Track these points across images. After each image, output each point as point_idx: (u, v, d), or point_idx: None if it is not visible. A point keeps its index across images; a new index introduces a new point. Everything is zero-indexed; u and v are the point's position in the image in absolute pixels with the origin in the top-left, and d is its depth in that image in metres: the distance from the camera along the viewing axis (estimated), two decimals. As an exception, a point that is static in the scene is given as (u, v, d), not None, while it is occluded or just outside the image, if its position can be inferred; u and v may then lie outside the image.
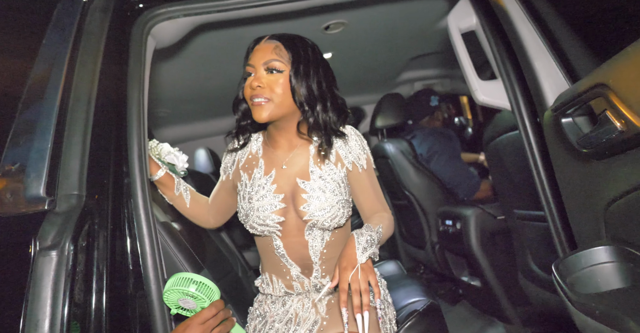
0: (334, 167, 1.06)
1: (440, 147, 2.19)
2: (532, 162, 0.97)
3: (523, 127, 0.99)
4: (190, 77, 1.91)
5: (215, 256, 1.45)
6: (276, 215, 1.00)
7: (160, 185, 1.21)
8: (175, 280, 0.91)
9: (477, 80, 1.07)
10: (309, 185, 1.02)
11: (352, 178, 1.09)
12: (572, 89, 0.65)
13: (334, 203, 1.00)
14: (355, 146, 1.08)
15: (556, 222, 0.92)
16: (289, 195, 1.02)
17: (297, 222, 1.01)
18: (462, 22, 1.16)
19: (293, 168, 1.04)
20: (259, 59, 1.00)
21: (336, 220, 1.01)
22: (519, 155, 1.34)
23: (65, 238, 0.74)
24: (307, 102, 1.00)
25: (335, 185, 1.02)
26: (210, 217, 1.25)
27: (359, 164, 1.08)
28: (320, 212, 0.98)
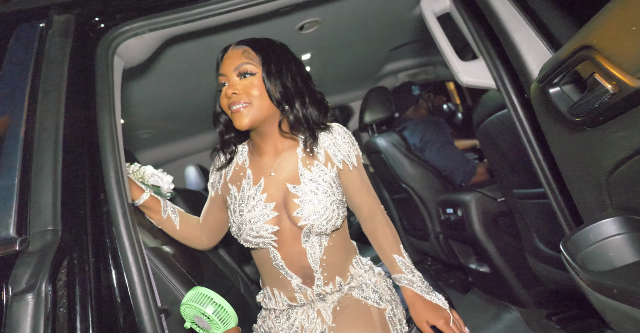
0: (324, 167, 1.02)
1: (432, 135, 2.15)
2: (525, 139, 0.93)
3: (511, 104, 0.95)
4: (169, 94, 1.87)
5: (214, 275, 1.40)
6: (270, 225, 0.97)
7: (146, 209, 1.16)
8: (195, 295, 0.88)
9: (458, 61, 1.04)
10: (300, 189, 0.98)
11: (344, 178, 1.06)
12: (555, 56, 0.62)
13: (327, 205, 0.96)
14: (343, 144, 1.05)
15: (557, 198, 0.88)
16: (281, 202, 0.99)
17: (292, 229, 0.98)
18: (436, 4, 1.12)
19: (282, 174, 1.01)
20: (229, 66, 0.98)
21: (332, 222, 0.97)
22: (510, 133, 1.31)
23: (41, 279, 0.69)
24: (285, 100, 0.96)
25: (327, 186, 0.99)
26: (203, 237, 1.21)
27: (349, 162, 1.05)
28: (315, 215, 0.95)
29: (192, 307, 0.87)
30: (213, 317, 0.85)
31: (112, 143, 0.93)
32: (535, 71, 0.73)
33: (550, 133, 0.70)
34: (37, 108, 0.90)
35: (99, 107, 0.94)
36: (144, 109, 1.92)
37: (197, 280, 1.21)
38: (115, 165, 0.92)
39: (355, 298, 1.02)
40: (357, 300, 1.02)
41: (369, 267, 1.12)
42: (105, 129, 0.93)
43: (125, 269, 0.89)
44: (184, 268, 1.18)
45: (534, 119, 0.90)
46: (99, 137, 0.92)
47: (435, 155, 2.11)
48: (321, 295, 1.01)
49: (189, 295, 0.88)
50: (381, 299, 1.03)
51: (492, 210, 1.64)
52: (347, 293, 1.04)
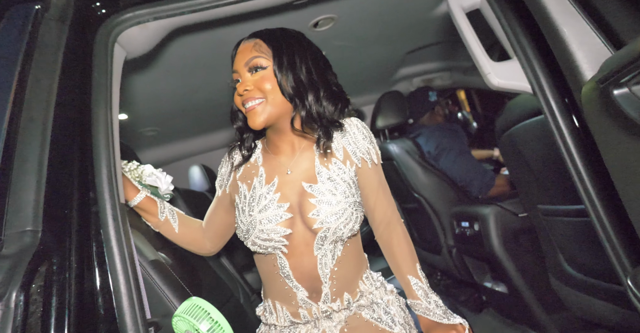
0: (342, 165, 0.94)
1: (448, 143, 2.05)
2: (564, 149, 0.83)
3: (549, 108, 0.85)
4: (175, 90, 1.79)
5: (212, 284, 1.30)
6: (282, 228, 0.89)
7: (142, 211, 1.08)
8: (190, 307, 0.79)
9: (489, 62, 0.94)
10: (316, 188, 0.90)
11: (361, 176, 0.98)
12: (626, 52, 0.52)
13: (346, 206, 0.89)
14: (362, 140, 0.97)
15: (601, 217, 0.77)
16: (295, 203, 0.91)
17: (305, 234, 0.90)
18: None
19: (298, 172, 0.94)
20: (240, 61, 0.91)
21: (350, 226, 0.89)
22: (539, 144, 1.20)
23: (11, 287, 0.60)
24: (297, 94, 0.88)
25: (346, 186, 0.91)
26: (206, 242, 1.12)
27: (368, 159, 0.97)
28: (332, 217, 0.88)
29: (185, 320, 0.78)
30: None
31: (107, 138, 0.84)
32: (588, 71, 0.63)
33: (607, 141, 0.60)
34: (25, 96, 0.82)
35: (95, 99, 0.86)
36: (148, 105, 1.85)
37: (193, 290, 1.11)
38: (109, 162, 0.84)
39: (365, 320, 0.92)
40: (367, 322, 0.92)
41: (380, 283, 1.02)
42: (99, 123, 0.85)
43: (111, 277, 0.80)
44: (180, 277, 1.09)
45: (578, 126, 0.80)
46: (92, 131, 0.84)
47: (451, 164, 2.00)
48: (327, 312, 0.92)
49: (183, 306, 0.79)
50: (394, 322, 0.93)
51: (512, 226, 1.53)
52: (356, 313, 0.94)
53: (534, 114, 1.20)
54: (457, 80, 2.83)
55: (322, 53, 0.98)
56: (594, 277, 1.15)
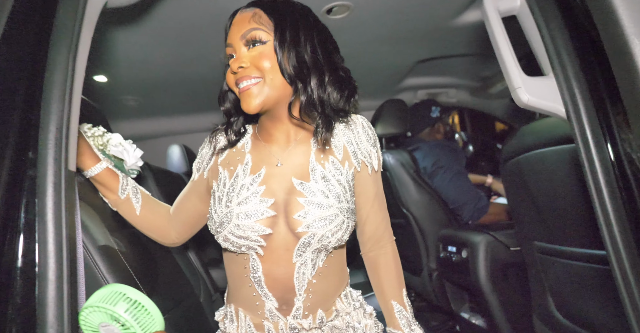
0: (340, 166, 0.84)
1: (446, 162, 1.95)
2: (593, 186, 0.72)
3: (583, 138, 0.74)
4: (167, 60, 1.63)
5: (171, 278, 1.15)
6: (261, 226, 0.79)
7: (99, 184, 0.93)
8: (105, 294, 0.63)
9: (521, 75, 0.83)
10: (308, 187, 0.81)
11: (358, 183, 0.88)
12: None
13: (338, 212, 0.79)
14: (366, 141, 0.87)
15: (625, 269, 0.67)
16: (281, 200, 0.81)
17: (286, 237, 0.80)
18: (503, 2, 0.92)
19: (289, 166, 0.84)
20: (236, 33, 0.80)
21: (338, 235, 0.80)
22: (551, 177, 1.10)
23: None
24: (298, 76, 0.77)
25: (341, 189, 0.82)
26: (171, 230, 0.98)
27: (369, 164, 0.87)
28: (320, 222, 0.78)
29: (98, 309, 0.63)
30: (127, 319, 0.61)
31: (63, 90, 0.69)
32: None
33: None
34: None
35: (54, 42, 0.71)
36: (133, 72, 1.68)
37: (146, 283, 0.96)
38: (61, 119, 0.69)
39: None
40: None
41: (359, 303, 0.90)
42: (56, 70, 0.69)
43: (39, 259, 0.65)
44: (133, 267, 0.94)
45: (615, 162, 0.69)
46: (44, 80, 0.69)
47: (446, 183, 1.90)
48: (296, 330, 0.81)
49: (95, 297, 0.64)
50: None
51: (502, 258, 1.44)
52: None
53: (549, 144, 1.10)
54: (461, 99, 2.75)
55: (330, 33, 0.87)
56: (585, 328, 1.06)
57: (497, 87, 2.42)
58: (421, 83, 2.60)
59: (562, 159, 1.04)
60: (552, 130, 1.09)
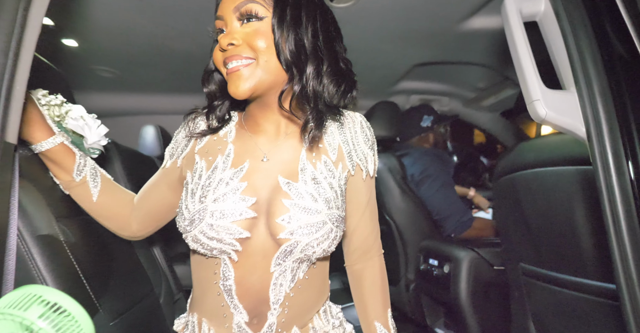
0: (333, 167, 0.76)
1: (435, 171, 1.88)
2: (610, 215, 0.65)
3: (603, 160, 0.67)
4: (150, 31, 1.47)
5: (128, 275, 1.02)
6: (238, 227, 0.69)
7: (51, 162, 0.80)
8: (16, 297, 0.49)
9: (541, 86, 0.75)
10: (295, 188, 0.72)
11: (350, 187, 0.81)
12: None
13: (326, 219, 0.70)
14: (363, 142, 0.80)
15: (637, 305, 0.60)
16: (264, 200, 0.72)
17: (265, 242, 0.71)
18: (527, 5, 0.84)
19: (276, 162, 0.75)
20: (228, 4, 0.69)
21: (324, 245, 0.71)
22: (548, 197, 1.05)
23: None
24: (295, 62, 0.67)
25: (332, 194, 0.73)
26: (133, 221, 0.86)
27: (364, 168, 0.80)
28: (306, 229, 0.69)
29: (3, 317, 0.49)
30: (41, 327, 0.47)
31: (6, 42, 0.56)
32: None
33: None
34: None
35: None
36: (110, 40, 1.52)
37: (94, 280, 0.84)
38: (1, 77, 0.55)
39: None
40: None
41: (339, 322, 0.82)
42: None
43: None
44: (80, 261, 0.81)
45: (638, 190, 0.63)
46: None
47: (432, 193, 1.84)
48: None
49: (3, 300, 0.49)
50: None
51: (485, 276, 1.38)
52: None
53: (550, 164, 1.04)
54: (453, 108, 2.71)
55: (334, 17, 0.77)
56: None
57: (490, 100, 2.39)
58: (415, 87, 2.54)
59: (564, 180, 0.98)
60: (554, 149, 1.03)
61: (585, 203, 0.92)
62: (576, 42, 0.75)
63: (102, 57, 1.68)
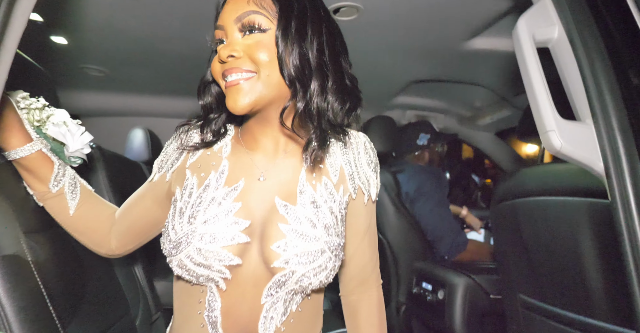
0: (334, 190, 0.71)
1: (430, 189, 1.85)
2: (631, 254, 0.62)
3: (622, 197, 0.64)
4: (143, 32, 1.41)
5: (101, 294, 0.94)
6: (229, 253, 0.64)
7: (24, 170, 0.74)
8: None
9: (555, 116, 0.72)
10: (293, 211, 0.67)
11: (351, 212, 0.76)
12: None
13: (325, 247, 0.65)
14: (366, 164, 0.76)
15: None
16: (259, 223, 0.67)
17: (257, 270, 0.66)
18: (540, 31, 0.81)
19: (274, 182, 0.70)
20: (230, 14, 0.65)
21: (322, 276, 0.65)
22: (552, 229, 1.01)
23: None
24: (298, 78, 0.64)
25: (332, 219, 0.68)
26: (111, 238, 0.80)
27: (366, 192, 0.75)
28: (303, 258, 0.64)
29: None
30: None
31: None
32: None
33: None
34: None
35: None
36: (102, 39, 1.45)
37: (63, 304, 0.76)
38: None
39: None
40: None
41: None
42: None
43: None
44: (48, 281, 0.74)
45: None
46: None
47: (426, 213, 1.80)
48: None
49: None
50: None
51: (481, 305, 1.34)
52: None
53: (556, 193, 1.01)
54: (448, 125, 2.71)
55: (340, 31, 0.73)
56: None
57: (486, 120, 2.39)
58: (412, 103, 2.53)
59: (570, 212, 0.95)
60: (560, 179, 1.00)
61: (594, 238, 0.88)
62: (592, 72, 0.72)
63: (91, 56, 1.61)
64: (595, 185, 0.86)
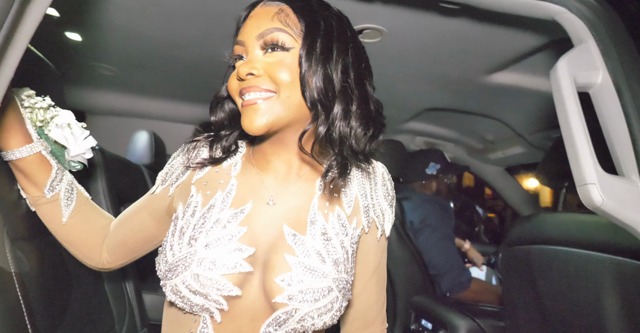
0: (347, 222, 0.67)
1: (435, 221, 1.79)
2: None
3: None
4: (158, 36, 1.39)
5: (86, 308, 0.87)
6: (229, 283, 0.59)
7: (20, 172, 0.71)
8: None
9: (597, 168, 0.67)
10: (302, 242, 0.62)
11: (360, 247, 0.71)
12: None
13: (333, 286, 0.60)
14: (383, 197, 0.72)
15: None
16: (263, 252, 0.62)
17: (256, 303, 0.61)
18: (582, 75, 0.77)
19: (284, 208, 0.66)
20: (252, 30, 0.63)
21: (326, 318, 0.60)
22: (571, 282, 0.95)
23: None
24: (321, 101, 0.61)
25: (342, 255, 0.64)
26: (104, 251, 0.75)
27: (380, 226, 0.72)
28: (308, 295, 0.59)
29: None
30: None
31: None
32: None
33: None
34: None
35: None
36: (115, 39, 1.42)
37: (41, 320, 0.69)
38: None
39: None
40: None
41: None
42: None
43: None
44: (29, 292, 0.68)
45: None
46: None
47: (430, 245, 1.73)
48: None
49: None
50: None
51: (484, 352, 1.26)
52: None
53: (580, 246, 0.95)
54: (458, 156, 2.67)
55: (366, 53, 0.70)
56: None
57: (497, 154, 2.35)
58: (423, 129, 2.49)
59: (593, 267, 0.89)
60: (587, 231, 0.95)
61: (620, 299, 0.82)
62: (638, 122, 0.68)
63: (104, 55, 1.58)
64: (626, 243, 0.80)
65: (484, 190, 4.43)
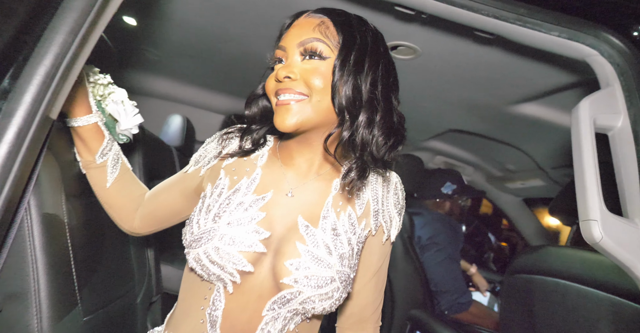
0: (356, 222, 0.73)
1: (443, 241, 1.81)
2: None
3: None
4: (206, 29, 1.48)
5: (113, 268, 0.96)
6: (244, 259, 0.66)
7: (79, 139, 0.81)
8: None
9: (602, 206, 0.71)
10: (312, 234, 0.69)
11: (366, 248, 0.77)
12: None
13: (336, 276, 0.67)
14: (393, 204, 0.77)
15: None
16: (277, 237, 0.69)
17: (265, 282, 0.68)
18: (603, 117, 0.80)
19: (300, 202, 0.73)
20: (294, 38, 0.69)
21: (326, 304, 0.67)
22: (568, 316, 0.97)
23: None
24: (349, 108, 0.66)
25: (348, 251, 0.70)
26: (136, 217, 0.85)
27: (387, 231, 0.77)
28: (312, 281, 0.65)
29: None
30: None
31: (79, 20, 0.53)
32: None
33: None
34: None
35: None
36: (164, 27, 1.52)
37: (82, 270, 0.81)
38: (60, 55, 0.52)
39: None
40: None
41: None
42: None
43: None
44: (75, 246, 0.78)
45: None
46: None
47: (435, 264, 1.76)
48: None
49: None
50: None
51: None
52: None
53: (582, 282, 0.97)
54: (476, 180, 2.66)
55: (395, 68, 0.76)
56: None
57: (516, 184, 2.34)
58: (444, 149, 2.50)
59: (591, 305, 0.91)
60: (589, 268, 0.97)
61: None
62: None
63: (153, 40, 1.69)
64: (625, 284, 0.82)
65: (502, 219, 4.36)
